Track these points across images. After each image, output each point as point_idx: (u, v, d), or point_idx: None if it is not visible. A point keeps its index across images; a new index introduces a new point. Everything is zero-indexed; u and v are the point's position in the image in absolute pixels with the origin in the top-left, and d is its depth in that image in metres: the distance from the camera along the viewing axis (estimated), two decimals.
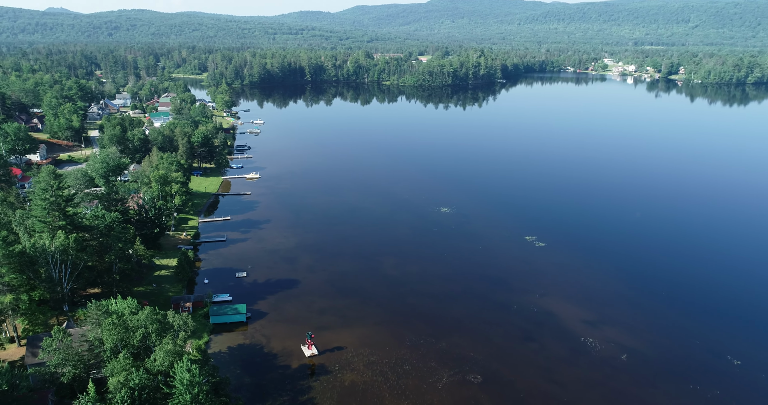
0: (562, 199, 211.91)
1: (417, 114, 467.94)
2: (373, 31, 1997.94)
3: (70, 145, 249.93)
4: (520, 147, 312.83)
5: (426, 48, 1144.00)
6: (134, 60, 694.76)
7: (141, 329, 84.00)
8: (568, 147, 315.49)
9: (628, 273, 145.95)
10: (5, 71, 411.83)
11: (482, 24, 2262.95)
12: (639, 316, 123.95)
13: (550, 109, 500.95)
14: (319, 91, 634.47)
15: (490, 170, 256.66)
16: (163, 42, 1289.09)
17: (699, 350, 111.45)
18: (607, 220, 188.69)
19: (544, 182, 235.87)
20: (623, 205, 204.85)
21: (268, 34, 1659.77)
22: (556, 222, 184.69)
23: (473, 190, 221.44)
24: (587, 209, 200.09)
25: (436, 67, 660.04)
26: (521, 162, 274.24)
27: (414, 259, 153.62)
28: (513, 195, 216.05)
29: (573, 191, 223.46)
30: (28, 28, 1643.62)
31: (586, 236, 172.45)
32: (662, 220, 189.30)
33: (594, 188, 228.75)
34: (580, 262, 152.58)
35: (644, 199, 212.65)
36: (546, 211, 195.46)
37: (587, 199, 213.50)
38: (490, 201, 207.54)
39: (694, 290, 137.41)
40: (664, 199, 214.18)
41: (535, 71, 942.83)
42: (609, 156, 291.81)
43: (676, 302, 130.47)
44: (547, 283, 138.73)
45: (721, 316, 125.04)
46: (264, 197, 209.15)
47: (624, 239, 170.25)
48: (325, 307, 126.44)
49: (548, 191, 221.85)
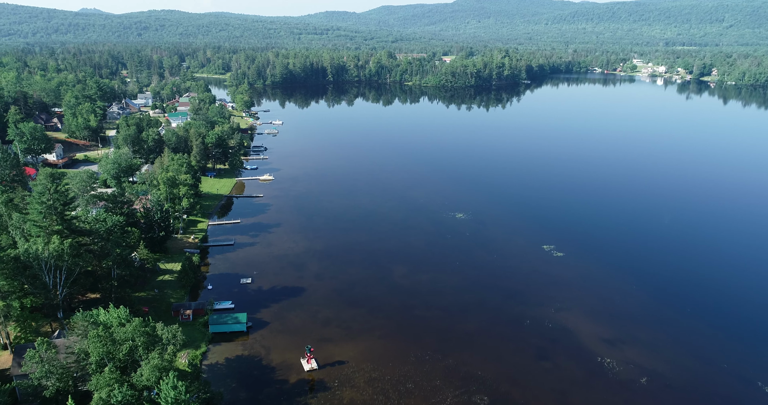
0: (585, 205, 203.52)
1: (439, 115, 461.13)
2: (398, 31, 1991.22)
3: (87, 145, 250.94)
4: (542, 150, 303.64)
5: (450, 48, 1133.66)
6: (159, 60, 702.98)
7: (128, 342, 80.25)
8: (592, 150, 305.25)
9: (652, 286, 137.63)
10: (30, 71, 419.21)
11: (509, 24, 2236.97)
12: (662, 335, 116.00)
13: (576, 110, 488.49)
14: (341, 92, 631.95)
15: (511, 174, 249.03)
16: (189, 42, 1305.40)
17: (727, 375, 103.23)
18: (632, 229, 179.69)
19: (566, 187, 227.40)
20: (650, 213, 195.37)
21: (294, 34, 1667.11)
22: (577, 230, 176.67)
23: (491, 195, 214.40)
24: (610, 217, 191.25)
25: (459, 68, 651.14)
26: (543, 165, 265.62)
27: (426, 267, 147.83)
28: (533, 200, 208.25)
29: (596, 197, 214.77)
30: (61, 28, 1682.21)
31: (608, 246, 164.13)
32: (693, 230, 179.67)
33: (619, 194, 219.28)
34: (600, 274, 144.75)
35: (673, 207, 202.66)
36: (566, 218, 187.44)
37: (611, 205, 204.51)
38: (509, 206, 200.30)
39: (725, 308, 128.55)
40: (695, 208, 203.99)
41: (561, 72, 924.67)
42: (636, 160, 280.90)
43: (704, 320, 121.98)
44: (563, 297, 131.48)
45: (754, 339, 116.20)
46: (276, 200, 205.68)
47: (649, 250, 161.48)
48: (330, 318, 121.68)
49: (570, 197, 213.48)
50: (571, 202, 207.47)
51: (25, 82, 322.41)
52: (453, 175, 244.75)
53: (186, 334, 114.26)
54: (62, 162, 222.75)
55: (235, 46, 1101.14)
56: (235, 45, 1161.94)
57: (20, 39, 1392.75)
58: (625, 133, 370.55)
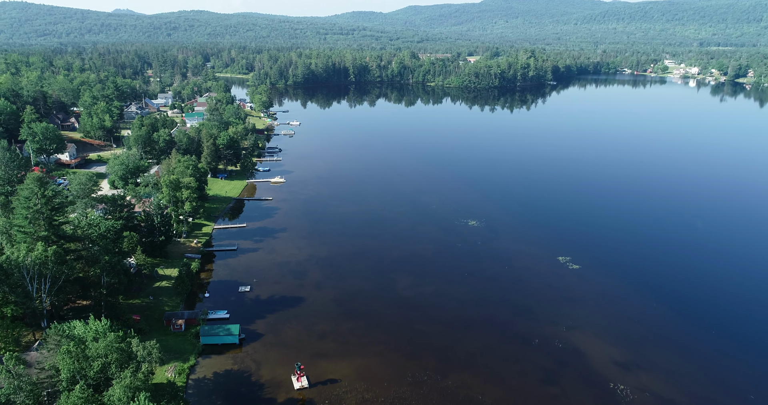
0: (607, 213, 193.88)
1: (461, 116, 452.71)
2: (424, 31, 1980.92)
3: (102, 145, 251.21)
4: (565, 153, 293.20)
5: (476, 48, 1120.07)
6: (184, 59, 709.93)
7: (100, 359, 75.95)
8: (619, 155, 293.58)
9: (674, 305, 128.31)
10: (54, 70, 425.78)
11: (537, 24, 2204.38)
12: (683, 360, 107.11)
13: (602, 113, 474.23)
14: (363, 92, 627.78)
15: (531, 179, 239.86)
16: (216, 42, 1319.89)
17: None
18: (657, 241, 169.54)
19: (588, 194, 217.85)
20: (678, 225, 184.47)
21: (320, 34, 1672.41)
22: (597, 240, 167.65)
23: (508, 201, 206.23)
24: (635, 227, 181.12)
25: (482, 69, 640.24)
26: (565, 170, 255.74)
27: (432, 278, 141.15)
28: (552, 207, 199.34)
29: (620, 205, 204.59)
30: (94, 28, 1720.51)
31: (629, 259, 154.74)
32: (724, 245, 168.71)
33: (646, 202, 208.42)
34: (618, 290, 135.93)
35: (706, 216, 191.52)
36: (586, 228, 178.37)
37: (636, 214, 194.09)
38: (525, 214, 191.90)
39: (757, 334, 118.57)
40: (729, 218, 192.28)
41: (589, 73, 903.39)
42: (667, 167, 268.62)
43: (731, 346, 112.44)
44: (576, 314, 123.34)
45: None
46: (285, 203, 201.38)
47: (674, 265, 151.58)
48: (327, 331, 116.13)
49: (592, 204, 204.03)
50: (593, 209, 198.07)
51: (46, 81, 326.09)
52: (469, 180, 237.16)
53: (176, 345, 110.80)
54: (75, 162, 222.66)
55: (260, 46, 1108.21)
56: (260, 45, 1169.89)
57: (54, 39, 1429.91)
58: (654, 136, 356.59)
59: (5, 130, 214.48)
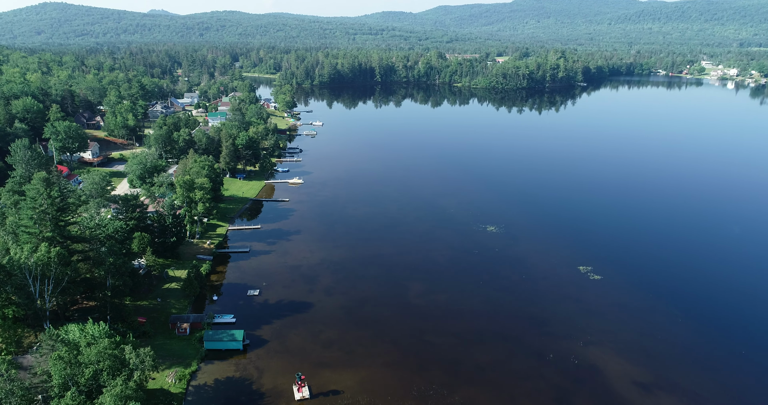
0: (634, 221, 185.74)
1: (487, 118, 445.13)
2: (453, 31, 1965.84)
3: (125, 144, 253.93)
4: (592, 157, 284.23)
5: (505, 49, 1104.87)
6: (213, 59, 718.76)
7: (92, 366, 74.17)
8: (649, 159, 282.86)
9: (703, 322, 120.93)
10: (84, 70, 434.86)
11: (569, 24, 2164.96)
12: (709, 381, 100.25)
13: (634, 115, 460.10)
14: (389, 92, 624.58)
15: (555, 183, 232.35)
16: (247, 42, 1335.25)
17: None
18: (686, 252, 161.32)
19: (615, 200, 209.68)
20: (710, 235, 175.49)
21: (349, 34, 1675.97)
22: (621, 249, 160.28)
23: (529, 206, 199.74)
24: (663, 236, 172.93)
25: (510, 69, 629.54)
26: (591, 175, 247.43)
27: (445, 286, 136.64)
28: (575, 213, 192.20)
29: (648, 212, 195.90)
30: (129, 28, 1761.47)
31: (654, 270, 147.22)
32: (761, 258, 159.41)
33: (675, 211, 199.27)
34: (641, 303, 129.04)
35: (743, 226, 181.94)
36: (611, 236, 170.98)
37: (665, 223, 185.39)
38: (547, 220, 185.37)
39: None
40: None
41: (622, 74, 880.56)
42: (700, 172, 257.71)
43: (762, 369, 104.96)
44: (595, 328, 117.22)
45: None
46: (301, 205, 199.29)
47: (704, 277, 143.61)
48: (333, 339, 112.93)
49: (618, 211, 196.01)
50: (619, 216, 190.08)
51: (74, 80, 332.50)
52: (491, 183, 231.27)
53: (180, 349, 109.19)
54: (97, 160, 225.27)
55: (289, 46, 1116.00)
56: (289, 45, 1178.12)
57: (92, 39, 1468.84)
58: (688, 140, 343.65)
59: (31, 128, 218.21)
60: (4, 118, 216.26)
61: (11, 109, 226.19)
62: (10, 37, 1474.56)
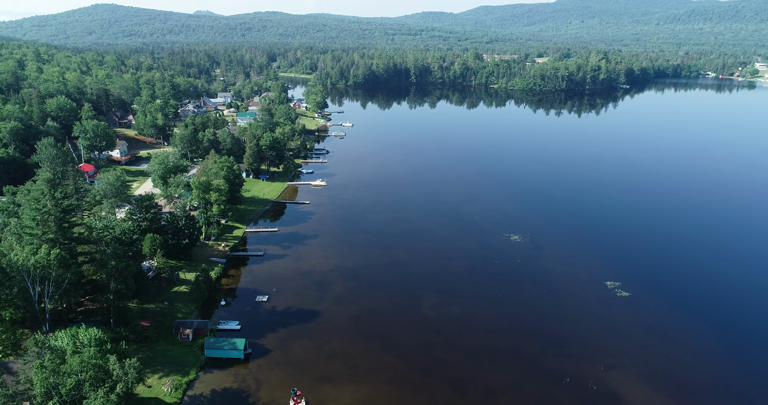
0: (669, 235, 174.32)
1: (523, 120, 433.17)
2: (494, 31, 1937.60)
3: (153, 143, 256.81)
4: (630, 165, 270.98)
5: (546, 50, 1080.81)
6: (251, 59, 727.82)
7: (75, 376, 71.74)
8: (693, 169, 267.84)
9: (741, 349, 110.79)
10: (122, 69, 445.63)
11: (615, 24, 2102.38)
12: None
13: (679, 120, 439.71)
14: (423, 93, 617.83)
15: (587, 191, 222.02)
16: (286, 42, 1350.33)
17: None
18: (727, 268, 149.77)
19: (650, 211, 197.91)
20: (756, 254, 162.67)
21: (388, 35, 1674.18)
22: (653, 265, 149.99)
23: (558, 215, 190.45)
24: (700, 252, 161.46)
25: (549, 71, 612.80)
26: (627, 183, 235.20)
27: (460, 298, 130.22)
28: (606, 224, 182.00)
29: (689, 227, 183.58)
30: (174, 29, 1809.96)
31: (689, 288, 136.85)
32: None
33: (717, 226, 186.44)
34: (672, 324, 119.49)
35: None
36: (643, 250, 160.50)
37: (704, 239, 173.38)
38: (575, 230, 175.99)
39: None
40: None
41: (668, 76, 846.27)
42: (747, 183, 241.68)
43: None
44: (619, 350, 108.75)
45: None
46: (321, 208, 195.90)
47: (745, 299, 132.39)
48: (338, 351, 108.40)
49: (653, 224, 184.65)
50: (656, 230, 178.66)
51: (109, 79, 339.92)
52: (520, 189, 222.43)
53: (180, 356, 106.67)
54: (125, 159, 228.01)
55: (327, 46, 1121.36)
56: (328, 45, 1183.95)
57: (138, 39, 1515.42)
58: (737, 149, 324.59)
59: (62, 127, 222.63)
60: (37, 117, 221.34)
61: (45, 107, 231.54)
62: (63, 37, 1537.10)
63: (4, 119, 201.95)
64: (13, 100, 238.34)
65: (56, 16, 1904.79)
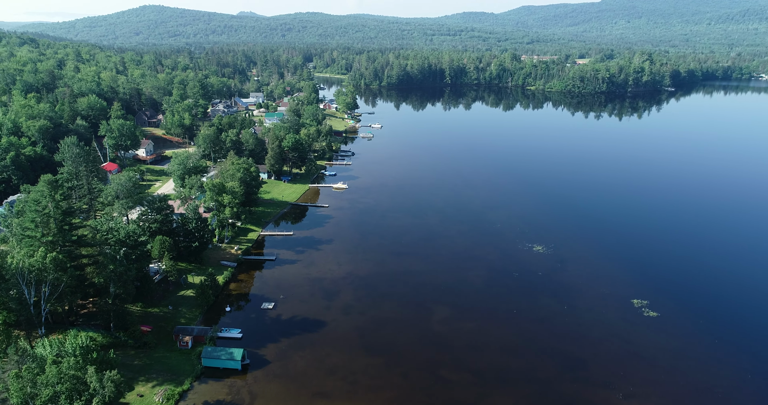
0: (709, 252, 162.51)
1: (560, 123, 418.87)
2: (535, 32, 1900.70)
3: (180, 142, 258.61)
4: (667, 173, 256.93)
5: (588, 50, 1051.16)
6: (287, 59, 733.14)
7: (50, 388, 69.24)
8: (741, 180, 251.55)
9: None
10: (157, 69, 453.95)
11: (663, 24, 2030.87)
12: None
13: (727, 125, 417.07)
14: (458, 95, 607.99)
15: (618, 200, 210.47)
16: (325, 42, 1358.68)
17: None
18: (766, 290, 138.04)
19: (689, 225, 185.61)
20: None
21: (426, 35, 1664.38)
22: (686, 283, 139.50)
23: (585, 225, 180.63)
24: (741, 273, 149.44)
25: (589, 72, 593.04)
26: (664, 193, 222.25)
27: (474, 313, 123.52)
28: (636, 237, 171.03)
29: (728, 245, 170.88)
30: (217, 30, 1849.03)
31: (725, 309, 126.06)
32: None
33: (760, 242, 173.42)
34: (703, 350, 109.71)
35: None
36: (676, 266, 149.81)
37: (747, 259, 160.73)
38: (602, 242, 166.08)
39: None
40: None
41: (717, 79, 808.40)
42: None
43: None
44: (641, 377, 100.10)
45: None
46: (340, 212, 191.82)
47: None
48: (338, 365, 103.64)
49: (691, 238, 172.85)
50: (692, 245, 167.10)
51: (143, 79, 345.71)
52: (547, 196, 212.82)
53: (178, 364, 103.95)
54: (150, 158, 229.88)
55: (365, 47, 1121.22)
56: (366, 46, 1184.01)
57: (182, 39, 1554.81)
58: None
59: (91, 126, 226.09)
60: (68, 115, 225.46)
61: (76, 106, 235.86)
62: (112, 37, 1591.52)
63: (34, 117, 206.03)
64: (46, 98, 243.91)
65: (106, 17, 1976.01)
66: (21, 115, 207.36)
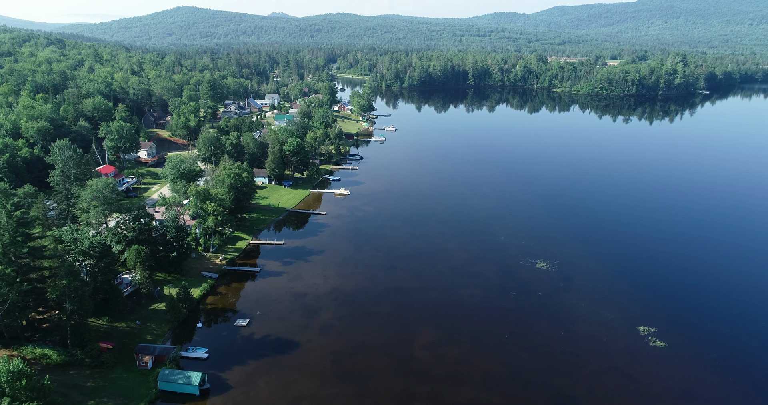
0: (728, 278, 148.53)
1: (585, 128, 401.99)
2: (568, 33, 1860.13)
3: (185, 144, 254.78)
4: (701, 184, 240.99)
5: (621, 52, 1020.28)
6: (309, 60, 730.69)
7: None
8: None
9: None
10: (174, 70, 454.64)
11: (702, 24, 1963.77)
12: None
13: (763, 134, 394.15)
14: (481, 97, 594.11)
15: (637, 214, 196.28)
16: (352, 43, 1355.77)
17: None
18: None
19: (711, 247, 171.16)
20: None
21: (455, 36, 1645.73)
22: (700, 310, 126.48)
23: (596, 241, 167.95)
24: (762, 301, 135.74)
25: (617, 74, 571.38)
26: (689, 209, 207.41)
27: (460, 337, 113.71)
28: (652, 257, 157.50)
29: (751, 272, 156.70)
30: (248, 30, 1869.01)
31: (741, 344, 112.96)
32: None
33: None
34: (715, 389, 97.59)
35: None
36: (691, 291, 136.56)
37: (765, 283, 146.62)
38: (612, 260, 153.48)
39: None
40: None
41: (756, 81, 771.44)
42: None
43: None
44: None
45: None
46: (337, 220, 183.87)
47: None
48: (304, 395, 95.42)
49: (711, 262, 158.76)
50: (711, 269, 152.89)
51: (153, 80, 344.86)
52: (559, 207, 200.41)
53: (133, 386, 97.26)
54: (152, 160, 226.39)
55: (393, 47, 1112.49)
56: (394, 47, 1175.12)
57: (213, 40, 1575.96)
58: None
59: (94, 127, 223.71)
60: (72, 116, 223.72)
61: (81, 107, 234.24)
62: (146, 38, 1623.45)
63: (36, 119, 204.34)
64: (52, 99, 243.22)
65: (141, 18, 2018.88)
66: (22, 116, 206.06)
